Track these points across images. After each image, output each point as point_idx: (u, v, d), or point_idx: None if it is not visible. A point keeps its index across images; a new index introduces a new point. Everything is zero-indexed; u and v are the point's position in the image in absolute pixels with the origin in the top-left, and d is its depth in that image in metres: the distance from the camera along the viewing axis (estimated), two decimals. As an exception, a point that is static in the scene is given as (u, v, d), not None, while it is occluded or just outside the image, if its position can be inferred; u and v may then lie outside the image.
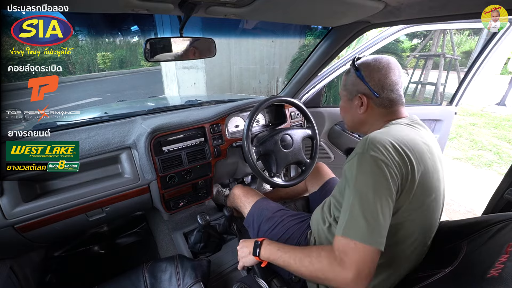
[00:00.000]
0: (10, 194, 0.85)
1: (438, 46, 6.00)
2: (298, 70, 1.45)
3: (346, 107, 0.85)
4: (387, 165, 0.59)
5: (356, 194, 0.60)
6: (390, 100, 0.76)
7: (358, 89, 0.78)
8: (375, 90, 0.75)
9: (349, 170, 0.64)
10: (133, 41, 10.03)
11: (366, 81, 0.76)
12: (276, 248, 0.76)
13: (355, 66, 0.79)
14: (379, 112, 0.78)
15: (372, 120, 0.80)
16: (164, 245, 1.38)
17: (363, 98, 0.77)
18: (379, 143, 0.62)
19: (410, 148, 0.63)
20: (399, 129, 0.71)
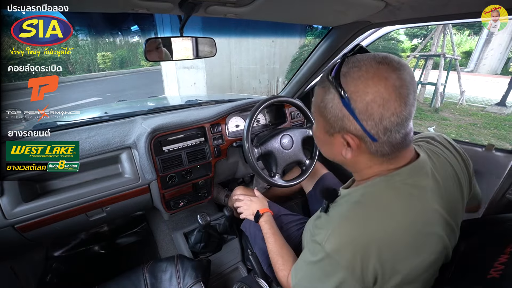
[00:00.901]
0: (10, 194, 0.85)
1: (438, 46, 6.00)
2: (298, 70, 1.45)
3: (324, 140, 0.57)
4: (348, 277, 0.48)
5: (305, 274, 0.58)
6: (393, 145, 0.49)
7: (343, 126, 0.50)
8: (373, 133, 0.48)
9: (312, 241, 0.55)
10: (133, 41, 10.04)
11: (360, 119, 0.47)
12: (265, 231, 0.93)
13: (340, 86, 0.47)
14: (373, 159, 0.53)
15: (359, 167, 0.56)
16: (165, 245, 1.38)
17: (351, 141, 0.51)
18: (346, 252, 0.48)
19: (393, 255, 0.48)
20: (387, 206, 0.50)
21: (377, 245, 0.47)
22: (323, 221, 0.57)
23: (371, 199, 0.52)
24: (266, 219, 0.96)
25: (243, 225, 1.10)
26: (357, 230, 0.49)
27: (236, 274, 1.17)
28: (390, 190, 0.52)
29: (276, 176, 1.12)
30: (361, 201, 0.52)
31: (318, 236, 0.52)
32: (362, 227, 0.49)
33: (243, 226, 1.10)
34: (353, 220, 0.51)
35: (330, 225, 0.52)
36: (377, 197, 0.52)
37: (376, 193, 0.52)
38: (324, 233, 0.51)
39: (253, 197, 1.08)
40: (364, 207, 0.52)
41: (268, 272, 0.94)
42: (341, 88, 0.47)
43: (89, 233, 1.47)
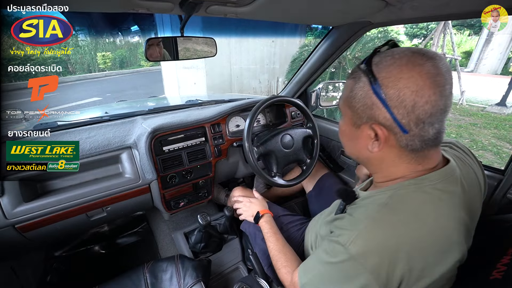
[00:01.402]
0: (11, 194, 0.85)
1: (438, 46, 6.00)
2: (299, 70, 1.45)
3: (349, 134, 0.56)
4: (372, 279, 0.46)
5: (319, 274, 0.56)
6: (425, 141, 0.46)
7: (372, 115, 0.48)
8: (404, 124, 0.45)
9: (331, 241, 0.53)
10: (133, 41, 10.04)
11: (390, 106, 0.45)
12: (266, 230, 0.92)
13: (371, 73, 0.46)
14: (402, 155, 0.50)
15: (384, 165, 0.53)
16: (165, 245, 1.38)
17: (380, 131, 0.48)
18: (373, 256, 0.46)
19: (422, 261, 0.46)
20: (417, 210, 0.48)
21: (407, 250, 0.45)
22: (346, 222, 0.53)
23: (401, 202, 0.49)
24: (266, 219, 0.96)
25: (243, 225, 1.10)
26: (386, 233, 0.47)
27: (236, 274, 1.17)
28: (420, 194, 0.49)
29: (276, 176, 1.12)
30: (389, 204, 0.49)
31: (341, 237, 0.50)
32: (392, 231, 0.47)
33: (243, 226, 1.10)
34: (382, 223, 0.48)
35: (355, 226, 0.49)
36: (407, 200, 0.49)
37: (405, 196, 0.49)
38: (349, 235, 0.48)
39: (252, 199, 1.08)
40: (394, 210, 0.49)
41: (269, 272, 0.94)
42: (372, 74, 0.46)
43: (89, 233, 1.47)
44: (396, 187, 0.51)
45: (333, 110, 4.58)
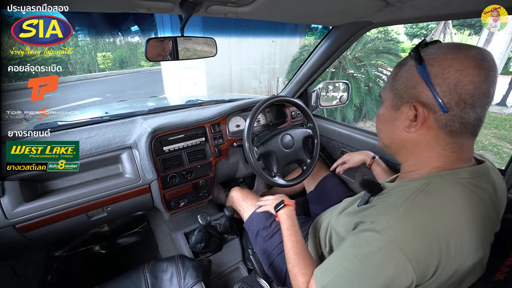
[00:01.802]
0: (11, 194, 0.85)
1: (438, 45, 6.00)
2: (299, 70, 1.45)
3: (387, 117, 0.57)
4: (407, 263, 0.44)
5: (344, 272, 0.52)
6: (464, 124, 0.47)
7: (414, 94, 0.50)
8: (445, 102, 0.46)
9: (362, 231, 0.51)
10: (133, 41, 10.05)
11: (434, 83, 0.46)
12: (287, 226, 0.83)
13: (419, 55, 0.49)
14: (438, 138, 0.50)
15: (420, 149, 0.53)
16: (165, 245, 1.38)
17: (421, 109, 0.49)
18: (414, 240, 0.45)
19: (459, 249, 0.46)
20: (455, 200, 0.47)
21: (445, 236, 0.45)
22: (380, 208, 0.51)
23: (439, 190, 0.48)
24: (288, 212, 0.87)
25: (246, 224, 1.10)
26: (425, 217, 0.46)
27: (236, 274, 1.17)
28: (456, 185, 0.48)
29: (276, 176, 1.12)
30: (427, 191, 0.48)
31: (376, 223, 0.48)
32: (431, 215, 0.46)
33: (245, 224, 1.10)
34: (421, 207, 0.47)
35: (392, 210, 0.48)
36: (444, 188, 0.48)
37: (442, 185, 0.49)
38: (386, 219, 0.47)
39: (279, 195, 1.00)
40: (431, 196, 0.47)
41: (269, 272, 0.94)
42: (419, 55, 0.49)
43: (89, 233, 1.47)
44: (432, 175, 0.50)
45: (333, 110, 4.58)
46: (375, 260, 0.47)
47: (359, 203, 0.60)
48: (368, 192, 0.58)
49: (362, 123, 4.98)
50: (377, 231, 0.47)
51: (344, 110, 4.54)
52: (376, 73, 4.65)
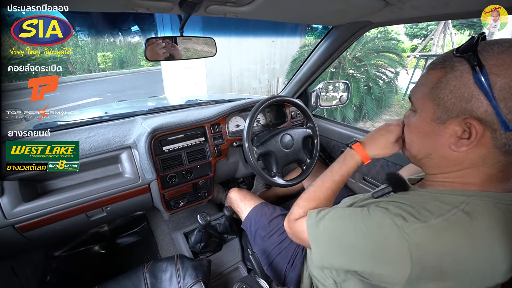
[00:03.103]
0: (10, 194, 0.85)
1: (438, 46, 6.00)
2: (299, 70, 1.45)
3: (426, 131, 0.49)
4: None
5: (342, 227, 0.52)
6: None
7: (469, 109, 0.42)
8: (509, 119, 0.39)
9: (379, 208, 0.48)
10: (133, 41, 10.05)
11: (497, 98, 0.39)
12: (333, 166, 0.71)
13: (477, 59, 0.40)
14: (488, 157, 0.44)
15: (461, 166, 0.47)
16: (165, 245, 1.38)
17: (478, 127, 0.41)
18: (432, 255, 0.42)
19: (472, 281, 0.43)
20: (495, 227, 0.42)
21: (468, 268, 0.42)
22: (410, 208, 0.46)
23: (480, 213, 0.43)
24: (348, 160, 0.68)
25: (244, 224, 1.10)
26: (460, 242, 0.41)
27: (236, 274, 1.17)
28: (497, 210, 0.43)
29: (276, 175, 1.12)
30: (467, 210, 0.43)
31: (398, 218, 0.44)
32: (467, 243, 0.41)
33: (243, 225, 1.10)
34: (459, 230, 0.42)
35: (425, 218, 0.43)
36: (486, 212, 0.43)
37: (484, 208, 0.43)
38: (412, 221, 0.43)
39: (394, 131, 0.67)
40: (472, 218, 0.42)
41: (268, 272, 0.94)
42: (479, 61, 0.39)
43: (89, 233, 1.47)
44: (471, 194, 0.45)
45: (333, 110, 4.59)
46: (376, 244, 0.45)
47: (375, 194, 0.56)
48: (393, 187, 0.53)
49: (362, 123, 4.98)
50: (395, 222, 0.44)
51: (344, 110, 4.54)
52: (376, 73, 4.66)
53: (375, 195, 0.56)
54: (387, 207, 0.48)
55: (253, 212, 1.08)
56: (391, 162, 1.18)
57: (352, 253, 0.49)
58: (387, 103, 5.03)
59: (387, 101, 4.97)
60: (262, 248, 0.98)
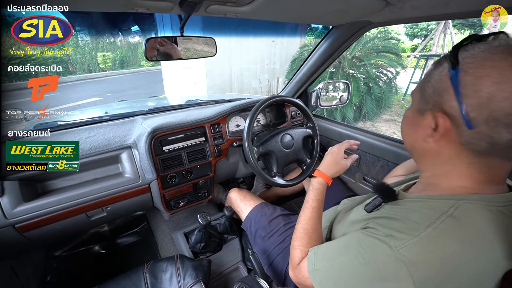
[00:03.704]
0: (11, 194, 0.85)
1: (438, 46, 6.00)
2: (299, 69, 1.45)
3: (411, 120, 0.52)
4: None
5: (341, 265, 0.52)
6: (494, 144, 0.40)
7: (440, 102, 0.43)
8: (471, 117, 0.39)
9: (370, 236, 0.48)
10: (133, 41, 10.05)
11: (462, 94, 0.40)
12: (308, 198, 0.77)
13: (455, 57, 0.41)
14: (461, 155, 0.44)
15: (441, 161, 0.48)
16: (165, 244, 1.38)
17: (442, 121, 0.43)
18: (428, 268, 0.41)
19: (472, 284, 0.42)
20: (486, 231, 0.42)
21: (466, 271, 0.41)
22: (398, 224, 0.46)
23: (469, 217, 0.42)
24: (316, 186, 0.78)
25: (244, 224, 1.10)
26: (452, 249, 0.41)
27: (236, 274, 1.17)
28: (487, 212, 0.43)
29: (276, 175, 1.12)
30: (457, 217, 0.42)
31: (390, 239, 0.44)
32: (459, 248, 0.41)
33: (244, 225, 1.10)
34: (450, 236, 0.42)
35: (414, 232, 0.43)
36: (476, 216, 0.43)
37: (474, 211, 0.43)
38: (403, 239, 0.43)
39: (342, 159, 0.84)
40: (462, 223, 0.42)
41: (269, 272, 0.94)
42: (455, 57, 0.41)
43: (89, 233, 1.47)
44: (460, 198, 0.44)
45: (333, 110, 4.59)
46: (376, 270, 0.45)
47: (367, 207, 0.56)
48: (382, 197, 0.54)
49: (362, 123, 4.98)
50: (388, 244, 0.44)
51: (344, 110, 4.54)
52: (376, 73, 4.66)
53: (367, 209, 0.56)
54: (375, 227, 0.49)
55: (253, 212, 1.08)
56: (391, 162, 1.18)
57: (357, 285, 0.48)
58: (387, 103, 5.04)
59: (387, 101, 4.97)
60: (262, 248, 0.98)
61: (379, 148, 1.22)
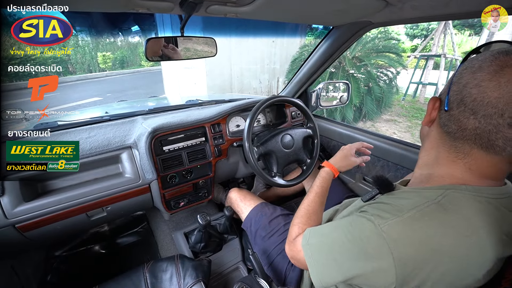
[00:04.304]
0: (11, 194, 0.85)
1: (439, 46, 6.00)
2: (299, 70, 1.45)
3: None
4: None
5: (331, 240, 0.55)
6: (462, 128, 0.44)
7: (444, 89, 0.50)
8: (450, 101, 0.45)
9: (358, 216, 0.52)
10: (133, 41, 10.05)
11: (454, 81, 0.46)
12: (315, 183, 0.83)
13: (467, 56, 0.51)
14: (441, 137, 0.49)
15: (430, 145, 0.53)
16: (165, 244, 1.38)
17: (435, 104, 0.50)
18: (409, 248, 0.43)
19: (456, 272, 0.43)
20: (472, 218, 0.43)
21: (447, 253, 0.42)
22: (386, 207, 0.49)
23: (455, 204, 0.44)
24: (322, 175, 0.85)
25: (244, 224, 1.10)
26: (432, 229, 0.43)
27: (236, 274, 1.17)
28: (475, 203, 0.44)
29: (276, 176, 1.12)
30: (442, 202, 0.45)
31: (375, 218, 0.47)
32: (440, 229, 0.43)
33: (243, 225, 1.10)
34: (431, 218, 0.44)
35: (398, 213, 0.46)
36: (462, 204, 0.44)
37: (461, 199, 0.45)
38: (387, 218, 0.46)
39: (352, 157, 0.92)
40: (446, 209, 0.44)
41: (269, 272, 0.94)
42: (466, 57, 0.49)
43: (89, 232, 1.47)
44: (449, 187, 0.47)
45: (332, 110, 4.58)
46: (361, 247, 0.48)
47: (364, 197, 0.60)
48: (379, 188, 0.57)
49: (362, 123, 4.98)
50: (373, 222, 0.47)
51: (344, 110, 4.54)
52: (376, 73, 4.65)
53: (363, 199, 0.60)
54: (366, 210, 0.52)
55: (253, 212, 1.09)
56: (392, 162, 1.18)
57: (344, 261, 0.51)
58: (387, 103, 5.03)
59: (387, 101, 4.97)
60: (262, 248, 0.99)
61: (379, 148, 1.22)
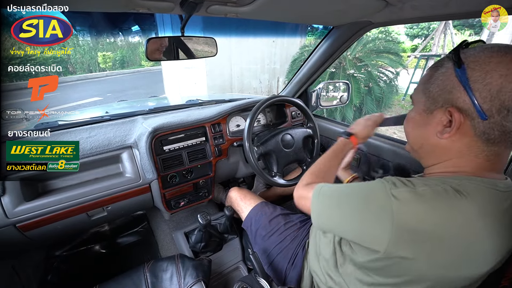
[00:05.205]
0: (12, 193, 0.85)
1: (439, 46, 6.00)
2: (299, 70, 1.45)
3: (418, 121, 0.54)
4: None
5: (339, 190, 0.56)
6: (505, 132, 0.43)
7: (450, 99, 0.46)
8: (484, 108, 0.42)
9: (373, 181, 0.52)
10: (134, 41, 10.05)
11: (473, 89, 0.43)
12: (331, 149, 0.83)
13: (458, 57, 0.46)
14: (473, 146, 0.47)
15: (450, 155, 0.50)
16: (165, 244, 1.38)
17: (456, 115, 0.46)
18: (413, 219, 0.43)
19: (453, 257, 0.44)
20: (484, 207, 0.44)
21: (452, 237, 0.42)
22: (402, 182, 0.48)
23: (470, 192, 0.44)
24: (340, 143, 0.84)
25: (244, 224, 1.10)
26: (439, 210, 0.43)
27: (236, 273, 1.17)
28: (491, 191, 0.45)
29: (276, 175, 1.12)
30: (459, 190, 0.44)
31: (386, 184, 0.47)
32: (451, 212, 0.43)
33: (244, 224, 1.10)
34: (445, 199, 0.44)
35: (412, 186, 0.46)
36: (476, 192, 0.45)
37: (476, 188, 0.45)
38: (400, 186, 0.46)
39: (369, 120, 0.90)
40: (461, 194, 0.44)
41: (269, 272, 0.94)
42: (459, 58, 0.45)
43: (90, 232, 1.48)
44: (463, 178, 0.47)
45: (332, 110, 4.58)
46: (366, 202, 0.49)
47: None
48: (396, 174, 0.57)
49: (362, 123, 4.96)
50: (385, 186, 0.47)
51: (344, 110, 4.54)
52: (376, 73, 4.65)
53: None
54: (385, 177, 0.52)
55: (254, 211, 1.08)
56: (392, 162, 1.18)
57: (345, 210, 0.52)
58: (387, 103, 5.03)
59: (387, 101, 4.97)
60: (262, 248, 0.99)
61: (380, 148, 1.23)
